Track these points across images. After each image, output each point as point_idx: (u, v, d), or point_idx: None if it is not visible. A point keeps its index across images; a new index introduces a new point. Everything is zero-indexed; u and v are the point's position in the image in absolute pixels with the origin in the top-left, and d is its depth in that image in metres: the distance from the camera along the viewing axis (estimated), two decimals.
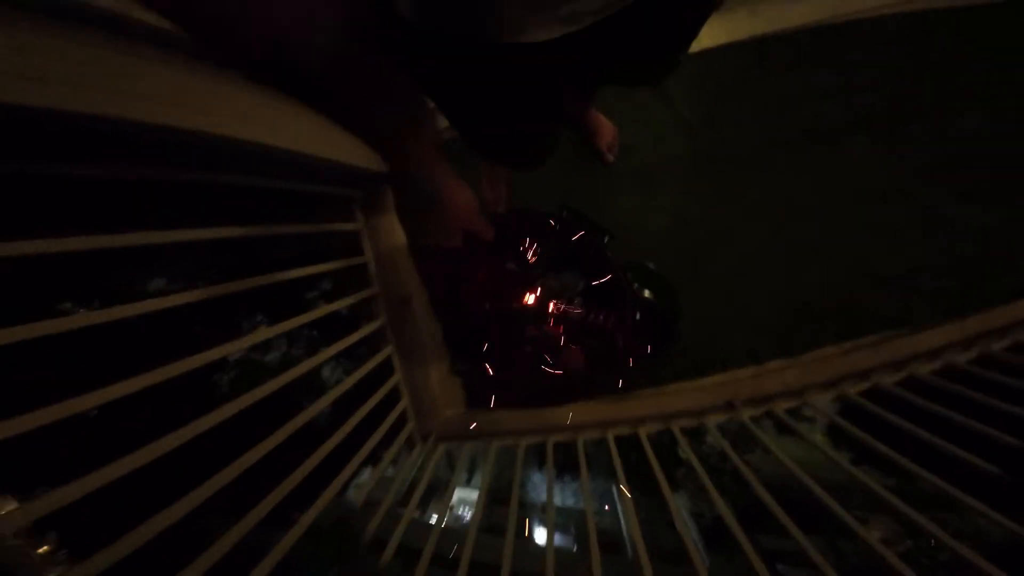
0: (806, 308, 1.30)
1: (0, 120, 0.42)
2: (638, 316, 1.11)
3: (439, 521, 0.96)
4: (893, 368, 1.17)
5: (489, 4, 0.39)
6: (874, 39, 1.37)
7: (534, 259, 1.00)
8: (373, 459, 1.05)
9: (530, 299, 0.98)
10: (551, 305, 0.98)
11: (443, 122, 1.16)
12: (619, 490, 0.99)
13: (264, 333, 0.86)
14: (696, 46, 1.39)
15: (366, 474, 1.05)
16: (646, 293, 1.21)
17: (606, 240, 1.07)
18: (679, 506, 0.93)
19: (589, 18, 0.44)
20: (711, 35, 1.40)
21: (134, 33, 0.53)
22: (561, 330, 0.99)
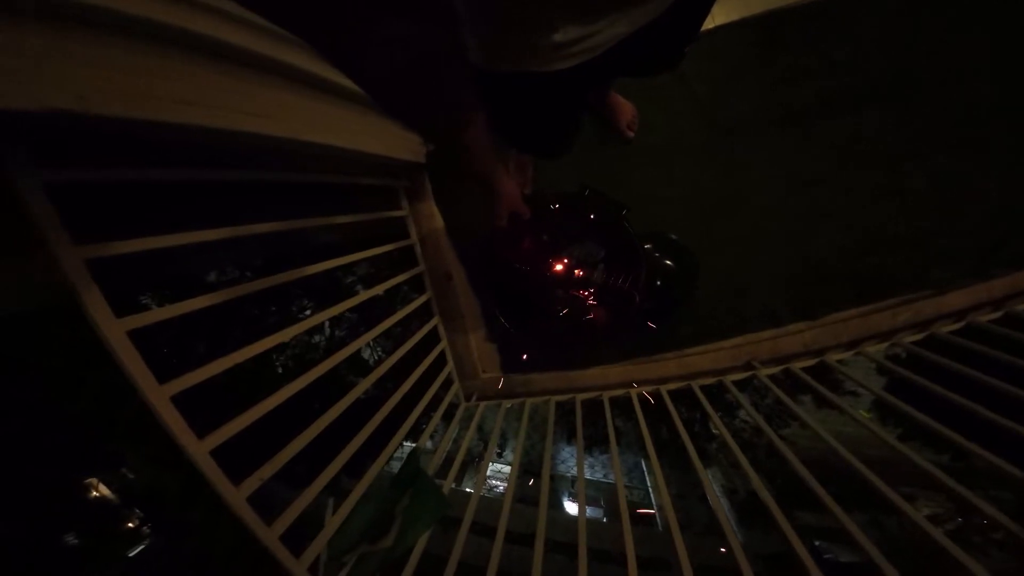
0: (823, 272, 1.32)
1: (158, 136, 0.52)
2: (658, 283, 1.22)
3: (477, 489, 1.04)
4: (915, 329, 1.17)
5: (522, 47, 0.55)
6: (885, 9, 1.36)
7: (562, 233, 1.14)
8: (426, 417, 1.21)
9: (559, 267, 1.11)
10: (576, 272, 1.11)
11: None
12: (648, 462, 1.00)
13: (333, 311, 0.97)
14: (710, 23, 1.39)
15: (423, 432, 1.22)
16: (667, 262, 1.28)
17: (623, 213, 1.18)
18: (711, 481, 0.92)
19: (601, 49, 0.57)
20: (725, 12, 1.42)
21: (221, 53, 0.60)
22: (586, 293, 1.12)
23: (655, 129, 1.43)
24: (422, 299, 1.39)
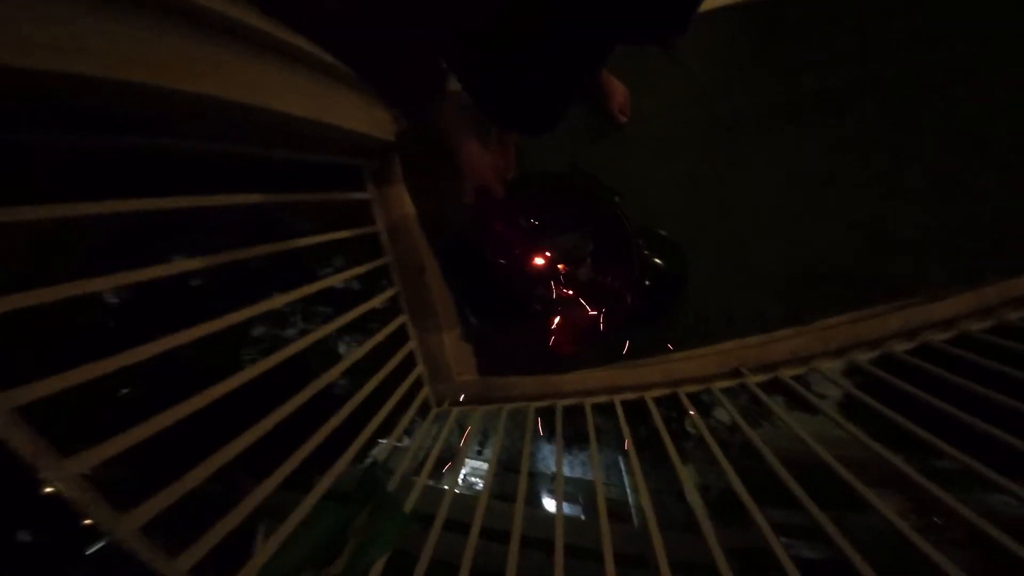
0: (816, 273, 1.29)
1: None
2: (647, 283, 1.11)
3: (451, 487, 1.00)
4: (905, 337, 1.15)
5: None
6: (889, 4, 1.32)
7: (545, 221, 1.00)
8: (390, 425, 1.08)
9: (539, 261, 0.98)
10: (560, 266, 0.98)
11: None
12: (627, 461, 1.00)
13: (279, 300, 0.90)
14: (711, 4, 1.35)
15: (387, 440, 1.11)
16: (656, 260, 1.20)
17: (616, 200, 1.05)
18: (689, 479, 0.94)
19: None
20: None
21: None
22: (570, 291, 1.00)
23: (651, 117, 1.36)
24: (389, 293, 1.28)
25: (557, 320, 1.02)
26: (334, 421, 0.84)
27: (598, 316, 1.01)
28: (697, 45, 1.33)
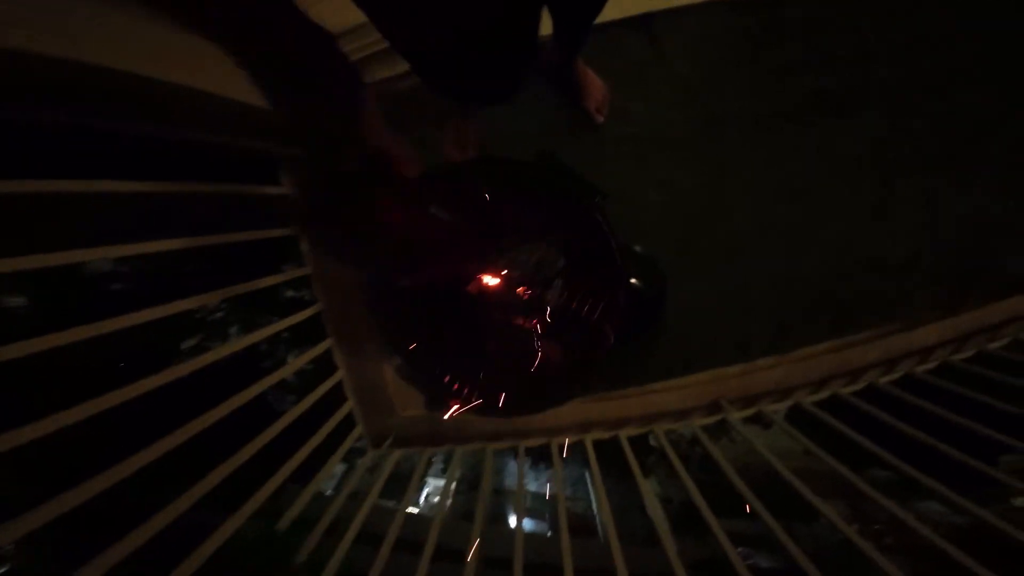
0: (799, 296, 1.23)
1: None
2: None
3: (401, 512, 0.94)
4: (885, 367, 1.14)
5: None
6: (889, 5, 1.25)
7: (500, 226, 0.73)
8: (315, 469, 0.93)
9: (491, 282, 0.73)
10: (520, 289, 0.73)
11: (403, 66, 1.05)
12: (592, 476, 1.00)
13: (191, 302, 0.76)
14: None
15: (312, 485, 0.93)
16: (632, 280, 1.05)
17: (598, 200, 0.82)
18: (651, 492, 0.95)
19: None
20: None
21: None
22: (534, 322, 0.75)
23: (633, 118, 1.23)
24: (308, 312, 1.02)
25: (519, 358, 0.76)
26: (213, 478, 0.68)
27: (572, 354, 0.77)
28: (682, 41, 1.23)
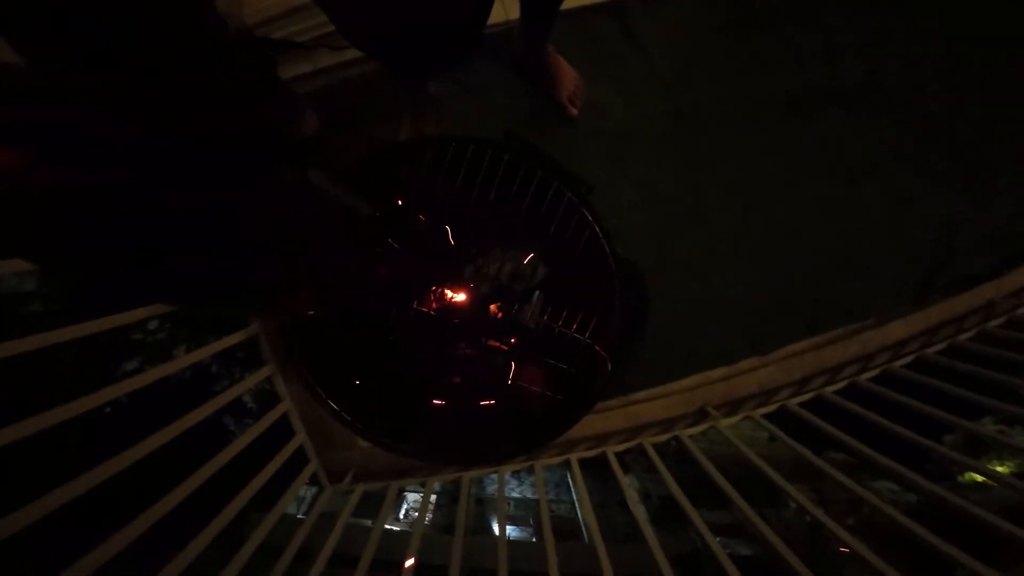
0: (777, 297, 1.22)
1: None
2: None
3: (376, 531, 0.88)
4: (863, 362, 1.17)
5: None
6: (860, 3, 1.26)
7: (463, 227, 0.60)
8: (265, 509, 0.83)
9: (455, 296, 0.60)
10: (492, 307, 0.60)
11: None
12: (573, 478, 1.00)
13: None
14: None
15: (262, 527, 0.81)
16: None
17: (584, 192, 0.68)
18: (631, 489, 0.96)
19: None
20: None
21: None
22: (509, 345, 0.62)
23: (609, 112, 1.18)
24: (236, 337, 0.89)
25: (495, 392, 0.63)
26: (141, 523, 0.61)
27: (555, 391, 0.63)
28: (660, 30, 1.19)
